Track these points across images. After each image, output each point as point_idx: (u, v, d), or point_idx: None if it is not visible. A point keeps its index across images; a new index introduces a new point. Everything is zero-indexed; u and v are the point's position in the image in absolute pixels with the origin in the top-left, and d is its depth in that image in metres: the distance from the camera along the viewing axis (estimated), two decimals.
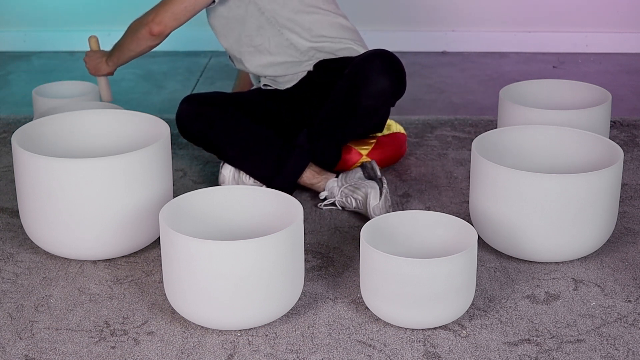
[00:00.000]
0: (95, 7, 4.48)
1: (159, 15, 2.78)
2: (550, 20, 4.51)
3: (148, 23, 2.80)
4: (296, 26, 2.87)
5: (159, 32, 2.80)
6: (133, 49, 2.90)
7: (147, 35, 2.81)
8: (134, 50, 2.90)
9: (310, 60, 2.92)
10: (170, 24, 2.79)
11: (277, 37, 2.88)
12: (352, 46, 2.93)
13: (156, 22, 2.79)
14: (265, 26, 2.87)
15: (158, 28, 2.79)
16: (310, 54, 2.91)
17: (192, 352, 2.07)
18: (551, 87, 3.07)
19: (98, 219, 2.36)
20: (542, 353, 2.06)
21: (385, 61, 2.73)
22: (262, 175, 2.78)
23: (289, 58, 2.91)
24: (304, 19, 2.87)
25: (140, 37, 2.83)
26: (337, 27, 2.92)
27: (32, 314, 2.22)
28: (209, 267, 2.04)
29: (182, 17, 2.78)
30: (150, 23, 2.79)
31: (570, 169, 2.60)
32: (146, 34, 2.81)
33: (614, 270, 2.41)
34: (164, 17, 2.78)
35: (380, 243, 2.23)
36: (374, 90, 2.71)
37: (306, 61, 2.92)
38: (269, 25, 2.86)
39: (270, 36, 2.88)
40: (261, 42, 2.89)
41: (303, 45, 2.89)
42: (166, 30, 2.81)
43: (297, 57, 2.91)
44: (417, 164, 3.11)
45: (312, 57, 2.92)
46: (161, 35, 2.82)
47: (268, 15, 2.85)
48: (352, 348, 2.08)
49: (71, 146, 2.63)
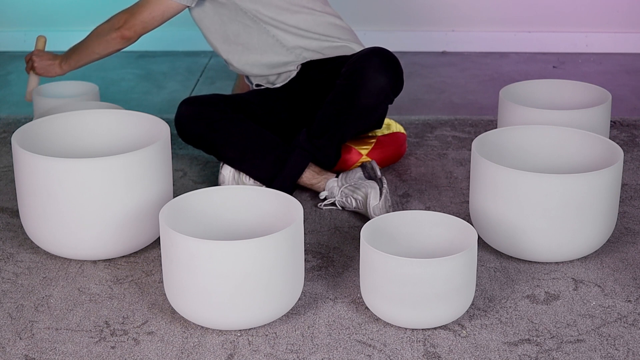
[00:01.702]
0: (95, 7, 4.48)
1: (129, 22, 2.85)
2: (550, 20, 4.51)
3: (120, 28, 2.87)
4: (281, 24, 2.87)
5: (129, 37, 2.88)
6: (99, 51, 2.96)
7: (118, 39, 2.89)
8: (100, 53, 2.96)
9: (297, 59, 2.92)
10: (140, 30, 2.87)
11: (263, 34, 2.89)
12: (344, 44, 2.92)
13: (127, 27, 2.86)
14: (250, 24, 2.87)
15: (129, 33, 2.87)
16: (297, 51, 2.91)
17: (192, 352, 2.07)
18: (551, 87, 3.07)
19: (98, 219, 2.36)
20: (542, 353, 2.06)
21: (382, 59, 2.74)
22: (262, 176, 2.78)
23: (275, 56, 2.91)
24: (289, 18, 2.87)
25: (110, 40, 2.90)
26: (325, 25, 2.92)
27: (32, 314, 2.22)
28: (209, 267, 2.04)
29: (151, 24, 2.86)
30: (122, 28, 2.87)
31: (570, 169, 2.60)
32: (117, 38, 2.88)
33: (614, 270, 2.41)
34: (135, 23, 2.85)
35: (380, 243, 2.23)
36: (372, 88, 2.71)
37: (292, 61, 2.92)
38: (254, 23, 2.87)
39: (256, 34, 2.89)
40: (248, 39, 2.90)
41: (289, 42, 2.89)
42: (135, 36, 2.89)
43: (284, 54, 2.91)
44: (417, 164, 3.11)
45: (299, 56, 2.92)
46: (131, 40, 2.90)
47: (251, 15, 2.86)
48: (352, 348, 2.08)
49: (71, 146, 2.63)
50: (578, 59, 4.44)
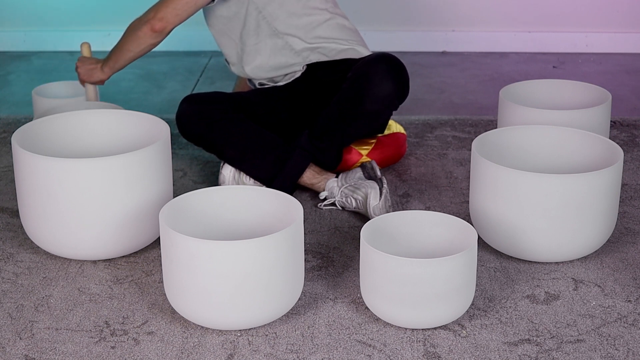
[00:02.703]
0: (95, 7, 4.48)
1: (160, 12, 2.77)
2: (550, 20, 4.51)
3: (149, 20, 2.79)
4: (292, 27, 2.87)
5: (161, 29, 2.79)
6: (133, 49, 2.87)
7: (149, 32, 2.79)
8: (134, 51, 2.88)
9: (303, 61, 2.92)
10: (172, 20, 2.78)
11: (273, 37, 2.88)
12: (351, 47, 2.92)
13: (157, 18, 2.77)
14: (263, 26, 2.87)
15: (160, 24, 2.78)
16: (305, 54, 2.91)
17: (192, 352, 2.07)
18: (551, 87, 3.07)
19: (98, 219, 2.36)
20: (542, 353, 2.06)
21: (389, 66, 2.74)
22: (262, 176, 2.78)
23: (283, 58, 2.91)
24: (300, 20, 2.87)
25: (141, 35, 2.81)
26: (334, 27, 2.92)
27: (32, 314, 2.22)
28: (209, 267, 2.04)
29: (184, 13, 2.77)
30: (152, 20, 2.78)
31: (570, 169, 2.60)
32: (148, 31, 2.80)
33: (614, 270, 2.41)
34: (166, 13, 2.76)
35: (380, 243, 2.23)
36: (378, 94, 2.72)
37: (298, 63, 2.92)
38: (266, 25, 2.87)
39: (266, 36, 2.88)
40: (257, 41, 2.89)
41: (298, 45, 2.89)
42: (168, 27, 2.79)
43: (292, 57, 2.91)
44: (417, 164, 3.11)
45: (306, 59, 2.91)
46: (163, 32, 2.80)
47: (265, 14, 2.85)
48: (352, 348, 2.08)
49: (71, 146, 2.63)
50: (578, 59, 4.44)
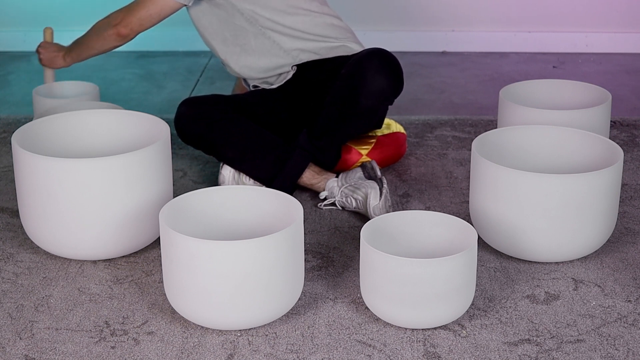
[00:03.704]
0: (95, 7, 4.48)
1: (126, 19, 2.86)
2: (550, 20, 4.51)
3: (116, 25, 2.87)
4: (278, 25, 2.87)
5: (126, 35, 2.88)
6: (97, 47, 2.97)
7: (114, 36, 2.89)
8: (98, 49, 2.98)
9: (293, 61, 2.91)
10: (137, 28, 2.87)
11: (260, 36, 2.88)
12: (342, 44, 2.92)
13: (123, 24, 2.86)
14: (247, 26, 2.87)
15: (125, 31, 2.87)
16: (294, 53, 2.91)
17: (192, 352, 2.07)
18: (551, 87, 3.07)
19: (98, 219, 2.36)
20: (542, 353, 2.06)
21: (382, 60, 2.73)
22: (262, 176, 2.78)
23: (273, 58, 2.91)
24: (286, 19, 2.87)
25: (107, 36, 2.91)
26: (322, 26, 2.92)
27: (32, 314, 2.22)
28: (209, 267, 2.04)
29: (147, 23, 2.86)
30: (118, 25, 2.87)
31: (570, 169, 2.60)
32: (113, 35, 2.89)
33: (614, 270, 2.41)
34: (131, 21, 2.85)
35: (380, 243, 2.23)
36: (372, 89, 2.71)
37: (289, 63, 2.92)
38: (251, 25, 2.87)
39: (253, 36, 2.88)
40: (245, 41, 2.89)
41: (287, 44, 2.89)
42: (132, 34, 2.89)
43: (282, 56, 2.91)
44: (417, 164, 3.11)
45: (295, 58, 2.91)
46: (127, 37, 2.90)
47: (247, 16, 2.85)
48: (352, 348, 2.08)
49: (71, 146, 2.63)
50: (578, 59, 4.44)
